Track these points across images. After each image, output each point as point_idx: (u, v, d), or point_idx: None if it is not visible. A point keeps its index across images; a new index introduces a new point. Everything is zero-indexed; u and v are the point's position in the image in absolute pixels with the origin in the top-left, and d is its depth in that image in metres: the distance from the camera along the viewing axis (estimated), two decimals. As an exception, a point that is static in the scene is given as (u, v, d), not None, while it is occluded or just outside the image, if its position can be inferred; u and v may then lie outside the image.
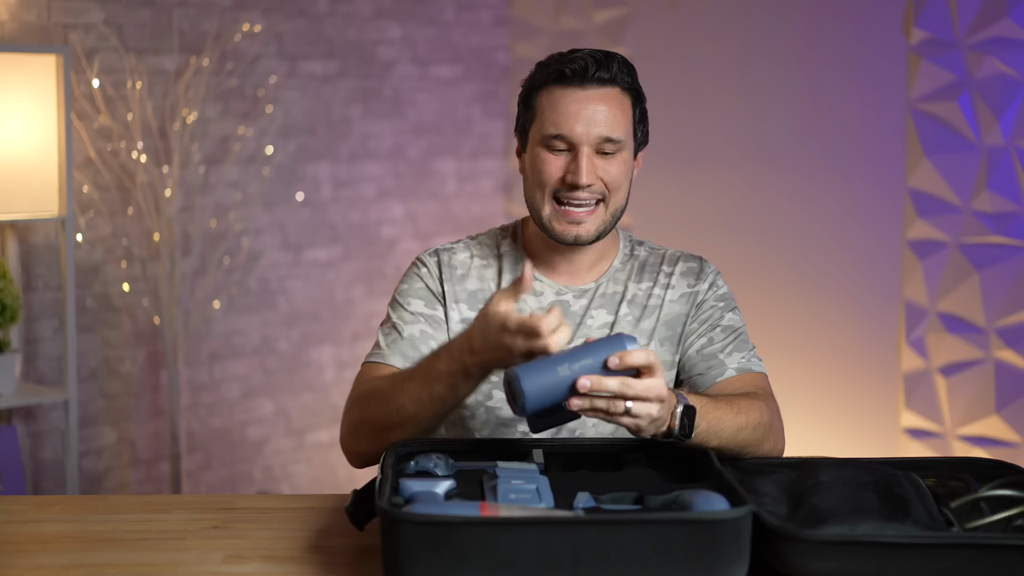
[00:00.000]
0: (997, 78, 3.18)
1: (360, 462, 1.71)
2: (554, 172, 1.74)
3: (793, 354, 3.70)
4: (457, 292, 1.81)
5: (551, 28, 4.38)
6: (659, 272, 1.84)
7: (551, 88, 1.74)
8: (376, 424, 1.64)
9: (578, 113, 1.72)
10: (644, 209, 4.08)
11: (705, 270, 1.85)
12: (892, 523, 1.34)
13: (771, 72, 3.79)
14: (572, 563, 1.27)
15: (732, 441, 1.60)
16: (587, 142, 1.72)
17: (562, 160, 1.74)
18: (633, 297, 1.82)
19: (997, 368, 3.24)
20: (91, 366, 3.50)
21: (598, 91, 1.73)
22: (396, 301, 1.82)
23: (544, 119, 1.75)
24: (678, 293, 1.83)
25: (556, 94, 1.74)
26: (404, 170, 4.30)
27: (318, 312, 4.09)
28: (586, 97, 1.72)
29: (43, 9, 3.30)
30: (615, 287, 1.83)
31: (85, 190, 3.43)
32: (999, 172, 3.19)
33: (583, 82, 1.72)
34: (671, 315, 1.82)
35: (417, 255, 1.88)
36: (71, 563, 1.45)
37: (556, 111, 1.73)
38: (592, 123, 1.72)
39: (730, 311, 1.83)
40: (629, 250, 1.87)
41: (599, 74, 1.72)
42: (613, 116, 1.73)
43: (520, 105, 1.81)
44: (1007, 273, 3.21)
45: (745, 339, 1.81)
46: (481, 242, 1.88)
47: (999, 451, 3.23)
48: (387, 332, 1.79)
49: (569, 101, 1.73)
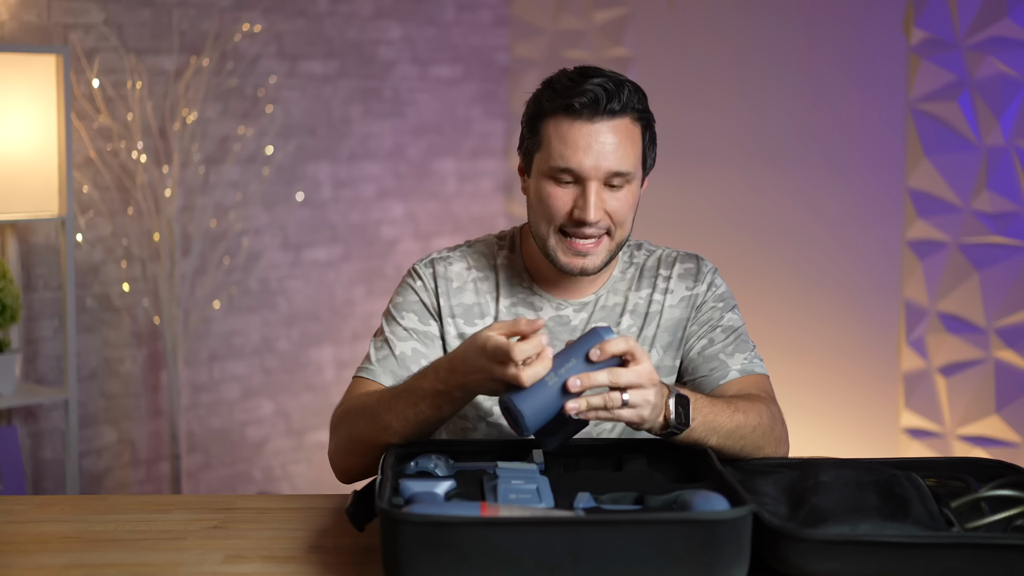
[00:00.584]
0: (997, 78, 3.18)
1: (347, 477, 1.70)
2: (561, 207, 1.69)
3: (793, 354, 3.70)
4: (453, 307, 1.79)
5: (551, 28, 4.38)
6: (657, 276, 1.83)
7: (559, 119, 1.68)
8: (364, 441, 1.63)
9: (588, 147, 1.66)
10: (644, 209, 4.07)
11: (702, 270, 1.83)
12: (892, 523, 1.34)
13: (771, 72, 3.79)
14: (572, 563, 1.27)
15: (730, 439, 1.59)
16: (595, 176, 1.67)
17: (569, 194, 1.69)
18: (634, 307, 1.81)
19: (997, 368, 3.24)
20: (91, 366, 3.50)
21: (608, 123, 1.67)
22: (391, 314, 1.79)
23: (552, 150, 1.69)
24: (677, 297, 1.81)
25: (564, 126, 1.67)
26: (404, 170, 4.30)
27: (318, 312, 4.09)
28: (595, 130, 1.66)
29: (43, 9, 3.30)
30: (615, 298, 1.81)
31: (85, 190, 3.43)
32: (999, 172, 3.19)
33: (593, 115, 1.66)
34: (671, 320, 1.81)
35: (413, 264, 1.85)
36: (71, 563, 1.45)
37: (565, 144, 1.67)
38: (601, 157, 1.66)
39: (729, 310, 1.82)
40: (628, 257, 1.85)
41: (610, 106, 1.66)
42: (623, 149, 1.67)
43: (525, 127, 1.75)
44: (1007, 273, 3.21)
45: (745, 338, 1.80)
46: (478, 252, 1.84)
47: (999, 451, 3.22)
48: (379, 347, 1.77)
49: (578, 134, 1.66)
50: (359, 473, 1.68)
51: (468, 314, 1.79)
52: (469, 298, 1.80)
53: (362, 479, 1.68)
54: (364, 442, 1.63)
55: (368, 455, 1.63)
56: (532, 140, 1.73)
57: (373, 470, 1.63)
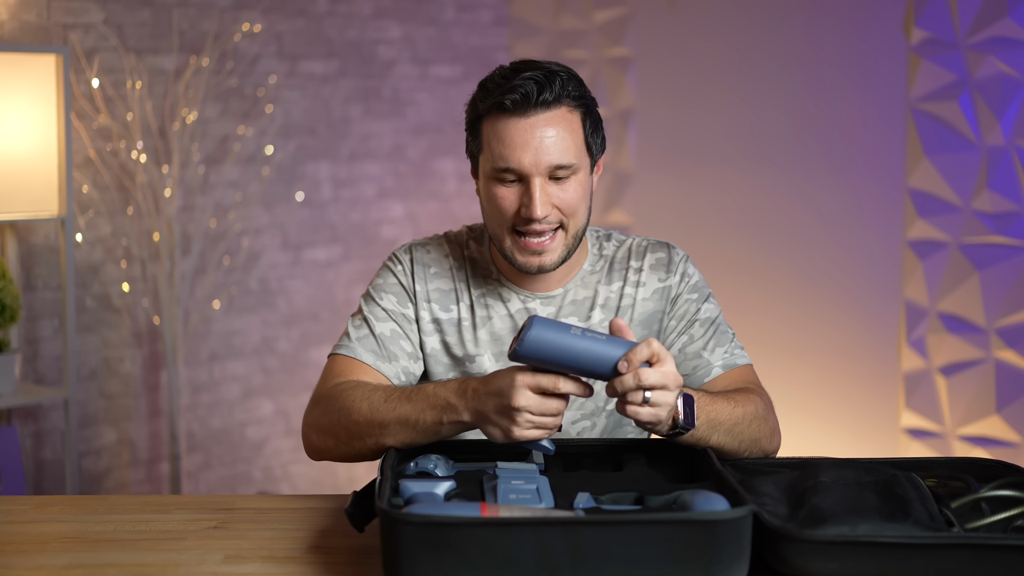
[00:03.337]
0: (997, 78, 3.18)
1: (318, 456, 1.70)
2: (508, 207, 1.68)
3: (793, 354, 3.70)
4: (429, 291, 1.80)
5: (551, 28, 4.38)
6: (628, 268, 1.80)
7: (495, 118, 1.67)
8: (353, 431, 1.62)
9: (526, 144, 1.64)
10: (644, 209, 4.08)
11: (674, 260, 1.81)
12: (892, 523, 1.34)
13: (771, 72, 3.79)
14: (572, 563, 1.27)
15: (730, 435, 1.59)
16: (537, 172, 1.65)
17: (514, 192, 1.67)
18: (605, 301, 1.79)
19: (997, 368, 3.24)
20: (91, 366, 3.50)
21: (543, 115, 1.65)
22: (370, 295, 1.80)
23: (492, 151, 1.68)
24: (650, 290, 1.79)
25: (500, 125, 1.66)
26: (404, 170, 4.30)
27: (318, 312, 4.09)
28: (530, 125, 1.64)
29: (43, 9, 3.30)
30: (585, 292, 1.80)
31: (85, 190, 3.43)
32: (999, 172, 3.19)
33: (526, 110, 1.64)
34: (645, 313, 1.79)
35: (392, 251, 1.86)
36: (71, 563, 1.45)
37: (502, 143, 1.66)
38: (541, 152, 1.64)
39: (705, 300, 1.79)
40: (598, 250, 1.83)
41: (542, 97, 1.64)
42: (562, 140, 1.65)
43: (467, 131, 1.75)
44: (1007, 273, 3.21)
45: (724, 328, 1.79)
46: (454, 241, 1.85)
47: (999, 451, 3.22)
48: (358, 325, 1.77)
49: (515, 132, 1.65)
50: (334, 457, 1.68)
51: (443, 299, 1.80)
52: (445, 284, 1.81)
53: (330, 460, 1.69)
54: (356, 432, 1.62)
55: (351, 446, 1.64)
56: (474, 143, 1.74)
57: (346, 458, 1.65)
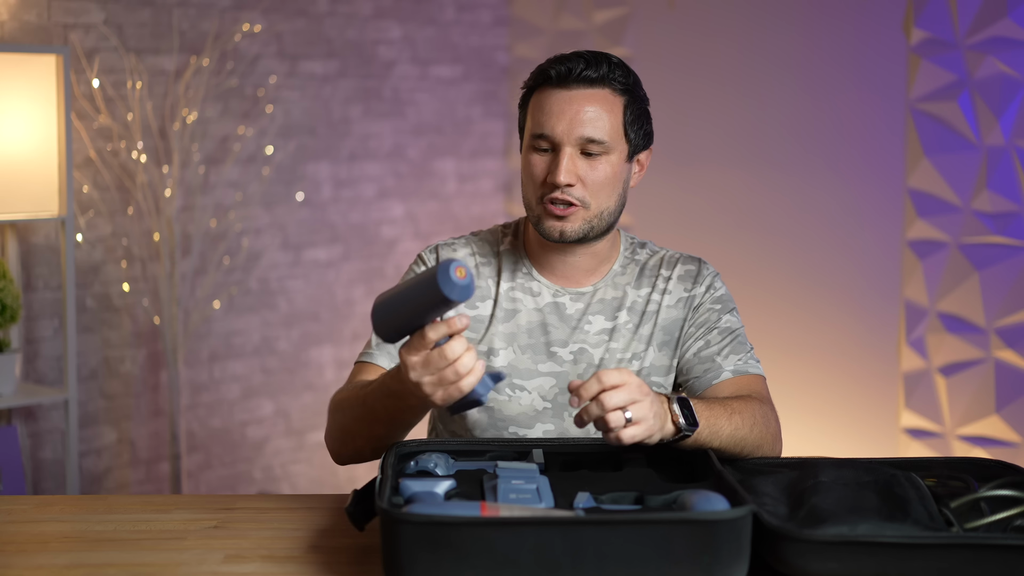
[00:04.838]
0: (997, 78, 3.18)
1: (338, 460, 1.74)
2: (539, 173, 1.74)
3: (793, 354, 3.70)
4: None
5: (551, 28, 4.38)
6: (657, 276, 1.84)
7: (540, 91, 1.75)
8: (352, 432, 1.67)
9: (562, 112, 1.71)
10: (644, 209, 4.08)
11: (703, 273, 1.85)
12: (892, 523, 1.34)
13: (771, 72, 3.79)
14: (572, 563, 1.27)
15: (730, 441, 1.60)
16: (568, 142, 1.71)
17: (546, 160, 1.74)
18: (632, 304, 1.82)
19: (997, 368, 3.24)
20: (91, 366, 3.50)
21: (584, 91, 1.72)
22: None
23: (532, 120, 1.76)
24: (675, 298, 1.82)
25: (544, 95, 1.74)
26: (404, 170, 4.30)
27: (318, 312, 4.09)
28: (570, 97, 1.72)
29: (43, 9, 3.30)
30: (614, 292, 1.83)
31: (85, 190, 3.43)
32: (999, 172, 3.19)
33: (567, 82, 1.72)
34: (668, 320, 1.82)
35: (419, 252, 1.89)
36: (71, 563, 1.45)
37: (542, 111, 1.73)
38: (575, 122, 1.71)
39: (728, 313, 1.82)
40: (630, 253, 1.87)
41: (586, 73, 1.71)
42: (599, 118, 1.71)
43: (520, 108, 1.82)
44: (1007, 273, 3.21)
45: (743, 340, 1.80)
46: (483, 239, 1.89)
47: (999, 451, 3.23)
48: None
49: (554, 101, 1.72)
50: (348, 458, 1.72)
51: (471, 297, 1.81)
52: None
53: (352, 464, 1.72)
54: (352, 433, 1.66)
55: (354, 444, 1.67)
56: (522, 116, 1.80)
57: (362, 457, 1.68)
